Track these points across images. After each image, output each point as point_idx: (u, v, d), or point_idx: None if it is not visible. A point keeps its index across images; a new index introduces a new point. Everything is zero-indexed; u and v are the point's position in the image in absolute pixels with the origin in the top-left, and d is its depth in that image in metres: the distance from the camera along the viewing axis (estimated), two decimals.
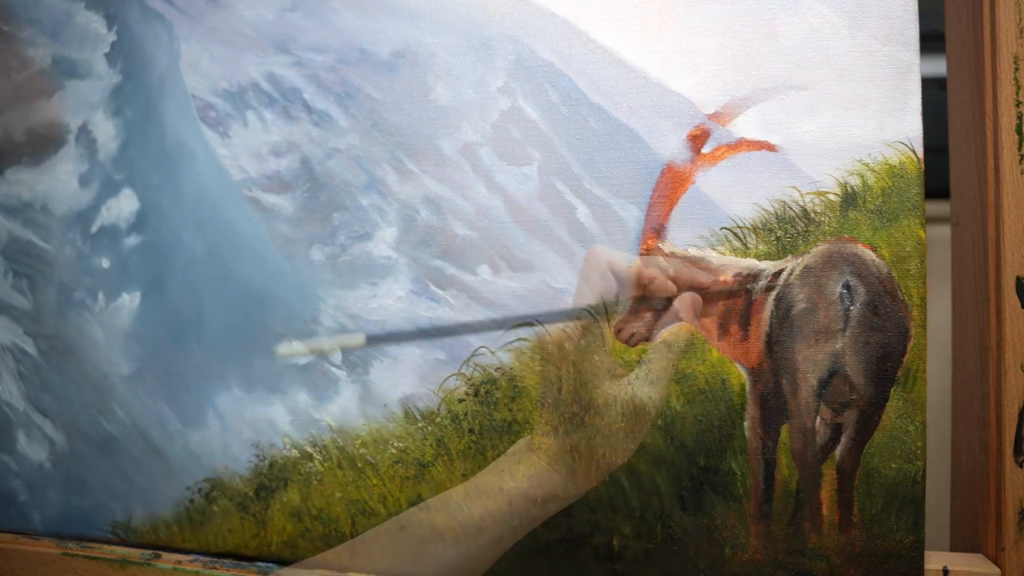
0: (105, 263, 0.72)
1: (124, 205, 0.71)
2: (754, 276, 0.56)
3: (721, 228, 0.57)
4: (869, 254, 0.54)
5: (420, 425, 0.63)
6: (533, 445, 0.57)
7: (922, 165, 0.53)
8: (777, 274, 0.56)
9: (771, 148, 0.56)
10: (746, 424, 0.56)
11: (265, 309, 0.67)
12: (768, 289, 0.56)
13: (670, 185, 0.58)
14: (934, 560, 0.55)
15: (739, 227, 0.57)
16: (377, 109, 0.64)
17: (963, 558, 0.55)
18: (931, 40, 0.58)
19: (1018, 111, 0.53)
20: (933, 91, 0.57)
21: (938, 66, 0.64)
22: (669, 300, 0.58)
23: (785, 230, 0.56)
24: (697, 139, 0.57)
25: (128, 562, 0.68)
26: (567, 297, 0.60)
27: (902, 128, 0.54)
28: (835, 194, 0.55)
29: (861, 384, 0.54)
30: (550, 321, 0.57)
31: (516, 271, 0.61)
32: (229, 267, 0.68)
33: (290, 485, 0.66)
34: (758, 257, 0.56)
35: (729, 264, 0.57)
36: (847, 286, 0.54)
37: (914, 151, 0.54)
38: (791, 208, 0.56)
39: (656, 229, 0.58)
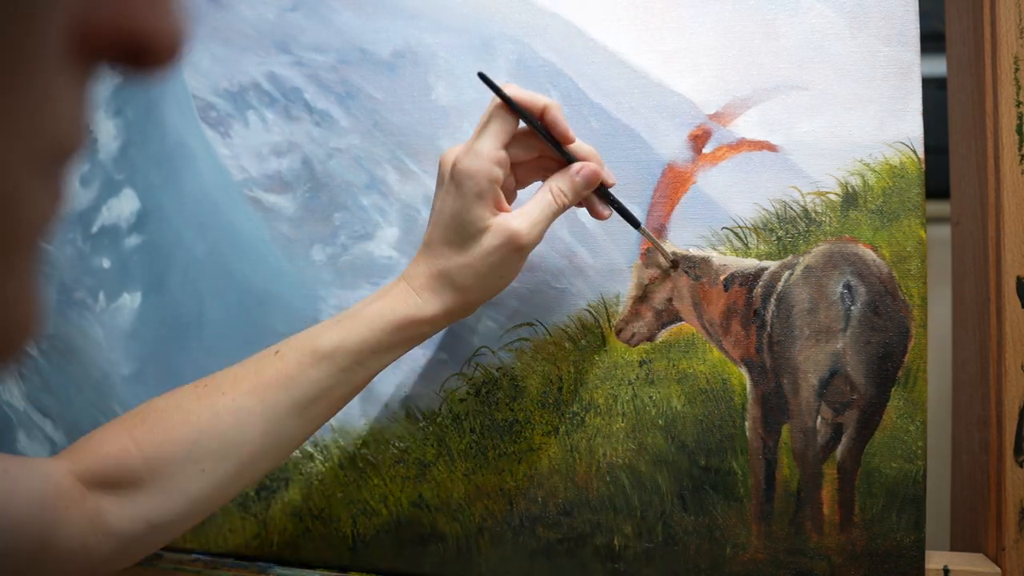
0: (106, 263, 0.71)
1: (125, 205, 0.71)
2: (755, 276, 0.56)
3: (722, 228, 0.57)
4: (870, 254, 0.54)
5: (421, 425, 0.63)
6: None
7: (922, 165, 0.54)
8: (778, 274, 0.56)
9: (772, 148, 0.56)
10: (747, 424, 0.57)
11: (266, 309, 0.67)
12: (769, 289, 0.56)
13: (671, 185, 0.58)
14: (935, 559, 0.55)
15: (740, 227, 0.57)
16: (378, 109, 0.64)
17: (963, 557, 0.55)
18: (931, 40, 0.58)
19: (1018, 111, 0.53)
20: (933, 91, 0.57)
21: (938, 66, 0.64)
22: (670, 299, 0.58)
23: (786, 230, 0.56)
24: (698, 139, 0.57)
25: None
26: (567, 296, 0.60)
27: (903, 128, 0.54)
28: (836, 194, 0.55)
29: (862, 384, 0.54)
30: None
31: None
32: (230, 267, 0.68)
33: (291, 485, 0.66)
34: (759, 257, 0.56)
35: (730, 264, 0.57)
36: (848, 286, 0.54)
37: (914, 151, 0.54)
38: (792, 208, 0.56)
39: (657, 229, 0.58)
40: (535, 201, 0.50)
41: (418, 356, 0.63)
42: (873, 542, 0.54)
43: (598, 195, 0.53)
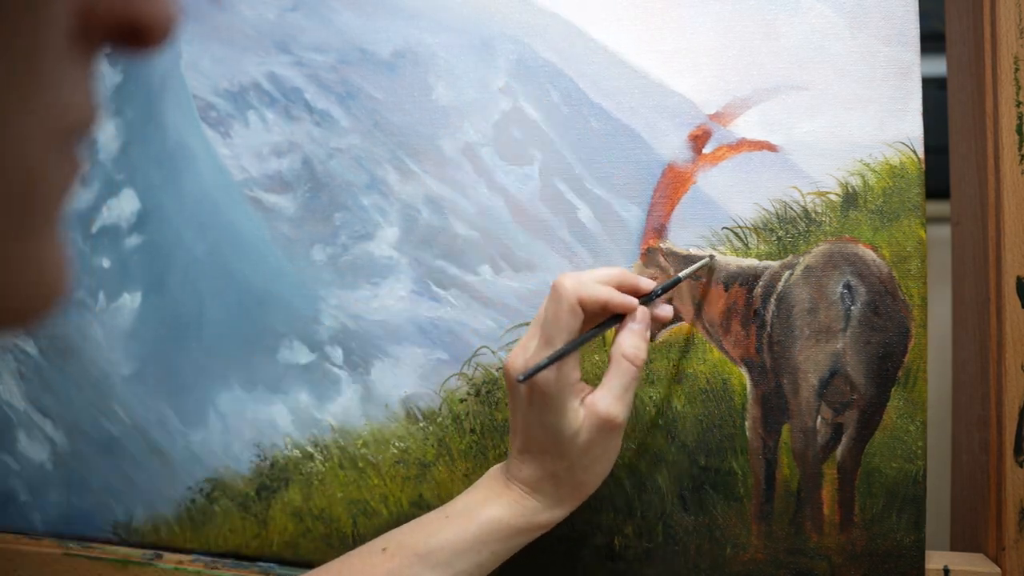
0: (106, 263, 0.72)
1: (125, 205, 0.71)
2: (755, 276, 0.56)
3: (722, 228, 0.57)
4: (870, 254, 0.54)
5: (421, 425, 0.63)
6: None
7: (922, 165, 0.54)
8: (778, 274, 0.56)
9: (772, 148, 0.56)
10: (747, 424, 0.57)
11: (266, 309, 0.67)
12: (769, 289, 0.56)
13: (671, 185, 0.58)
14: (935, 559, 0.55)
15: (740, 227, 0.57)
16: (378, 109, 0.64)
17: (963, 557, 0.56)
18: (931, 40, 0.58)
19: (1018, 111, 0.53)
20: (933, 91, 0.57)
21: (938, 66, 0.64)
22: (669, 299, 0.58)
23: (786, 230, 0.56)
24: (698, 139, 0.57)
25: (129, 562, 0.68)
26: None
27: (902, 128, 0.54)
28: (836, 194, 0.55)
29: (862, 384, 0.54)
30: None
31: (517, 271, 0.61)
32: (230, 267, 0.68)
33: (291, 485, 0.66)
34: (759, 257, 0.56)
35: (730, 264, 0.57)
36: (848, 286, 0.54)
37: (914, 151, 0.54)
38: (792, 208, 0.56)
39: (657, 229, 0.58)
40: (613, 374, 0.49)
41: (418, 356, 0.63)
42: (873, 542, 0.54)
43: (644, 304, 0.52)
